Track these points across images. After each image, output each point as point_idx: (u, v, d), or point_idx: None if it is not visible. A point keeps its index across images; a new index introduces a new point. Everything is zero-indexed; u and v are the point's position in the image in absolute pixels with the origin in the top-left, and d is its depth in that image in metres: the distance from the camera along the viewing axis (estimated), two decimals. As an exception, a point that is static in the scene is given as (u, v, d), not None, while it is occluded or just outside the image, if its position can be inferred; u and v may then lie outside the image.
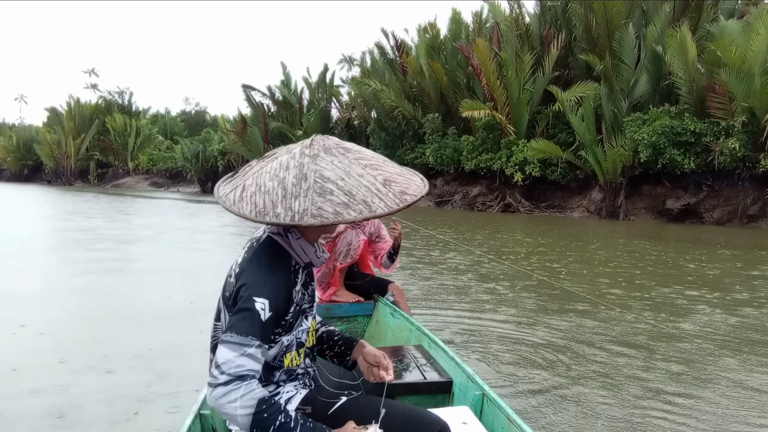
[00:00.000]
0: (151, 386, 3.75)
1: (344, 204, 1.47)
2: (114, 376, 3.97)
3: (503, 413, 2.19)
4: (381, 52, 32.68)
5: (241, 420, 1.47)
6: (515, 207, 25.34)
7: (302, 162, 1.53)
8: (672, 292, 7.53)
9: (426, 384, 2.67)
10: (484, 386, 2.42)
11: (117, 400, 3.55)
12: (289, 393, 1.74)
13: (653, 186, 21.61)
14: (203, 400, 2.17)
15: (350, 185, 1.50)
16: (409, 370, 2.78)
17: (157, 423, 3.23)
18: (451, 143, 27.21)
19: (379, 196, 1.51)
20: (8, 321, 5.29)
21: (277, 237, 1.67)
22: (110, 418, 3.32)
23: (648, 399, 3.81)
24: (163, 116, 69.14)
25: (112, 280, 7.72)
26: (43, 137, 62.54)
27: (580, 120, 22.16)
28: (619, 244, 13.76)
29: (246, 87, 39.16)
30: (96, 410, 3.42)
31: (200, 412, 2.12)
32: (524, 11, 27.11)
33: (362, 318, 4.16)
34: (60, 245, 11.53)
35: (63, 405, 3.47)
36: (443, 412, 2.09)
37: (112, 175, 59.40)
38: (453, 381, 2.69)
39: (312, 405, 1.72)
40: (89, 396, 3.63)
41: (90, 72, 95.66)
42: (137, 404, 3.49)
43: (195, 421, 2.06)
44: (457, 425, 2.10)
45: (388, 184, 1.55)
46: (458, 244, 10.16)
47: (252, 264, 1.61)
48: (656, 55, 20.77)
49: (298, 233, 1.68)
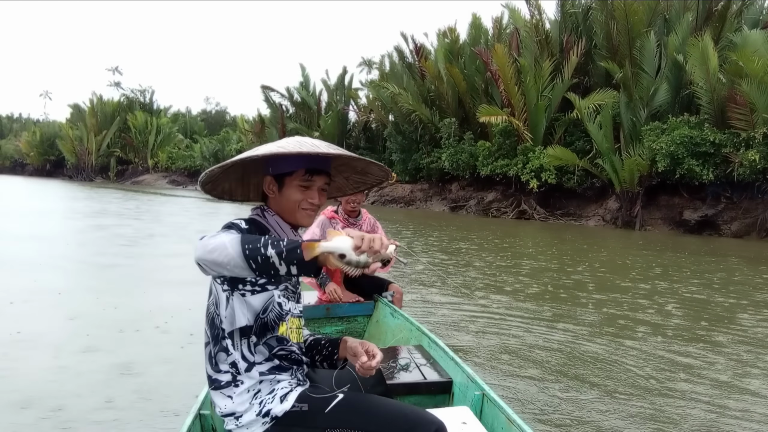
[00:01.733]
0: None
1: (297, 143, 1.71)
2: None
3: (503, 413, 2.19)
4: (400, 56, 32.74)
5: (232, 246, 1.47)
6: (530, 214, 25.17)
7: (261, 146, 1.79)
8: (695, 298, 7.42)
9: (426, 384, 2.68)
10: (484, 386, 2.42)
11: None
12: (284, 389, 1.74)
13: (670, 196, 21.33)
14: (203, 400, 2.19)
15: (306, 140, 1.76)
16: (409, 370, 2.79)
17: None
18: (467, 148, 27.13)
19: (325, 146, 1.75)
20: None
21: (257, 216, 1.83)
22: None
23: (647, 401, 3.78)
24: (183, 115, 69.94)
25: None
26: (65, 133, 63.57)
27: (597, 128, 21.98)
28: (647, 254, 13.59)
29: (265, 88, 39.49)
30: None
31: (200, 412, 2.13)
32: (544, 17, 26.96)
33: (362, 318, 4.16)
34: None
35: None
36: (443, 412, 2.11)
37: (132, 172, 60.11)
38: (453, 381, 2.69)
39: (308, 402, 1.71)
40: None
41: (114, 70, 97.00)
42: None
43: (195, 421, 2.07)
44: (457, 425, 2.11)
45: (300, 144, 1.73)
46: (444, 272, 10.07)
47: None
48: (677, 64, 20.54)
49: (272, 211, 1.82)
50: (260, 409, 1.70)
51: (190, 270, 2.42)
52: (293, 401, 1.71)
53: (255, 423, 1.70)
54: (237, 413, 1.71)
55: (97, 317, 5.56)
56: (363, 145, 36.12)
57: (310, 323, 3.95)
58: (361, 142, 36.41)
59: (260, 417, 1.70)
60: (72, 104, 65.25)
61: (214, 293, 1.74)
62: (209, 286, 1.75)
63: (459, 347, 4.94)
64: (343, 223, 3.95)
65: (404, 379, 2.68)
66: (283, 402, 1.71)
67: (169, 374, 4.05)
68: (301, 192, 1.78)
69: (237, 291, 1.69)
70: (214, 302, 1.74)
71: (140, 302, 6.35)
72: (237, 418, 1.71)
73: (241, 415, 1.71)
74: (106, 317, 5.57)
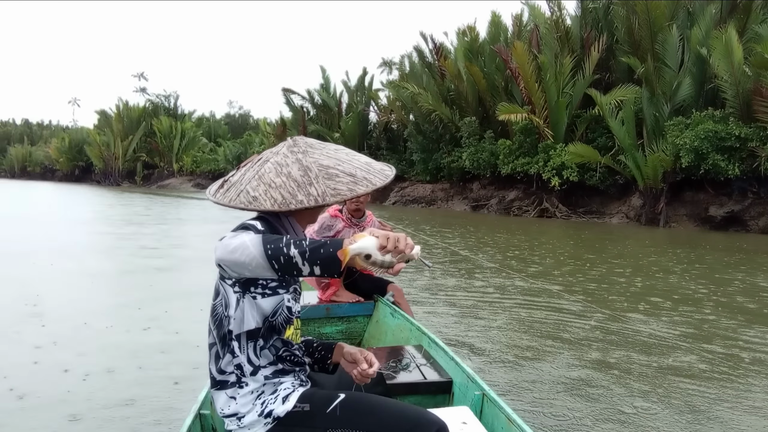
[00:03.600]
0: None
1: (352, 182, 1.66)
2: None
3: (503, 413, 2.18)
4: (420, 56, 32.67)
5: (255, 246, 1.46)
6: (552, 212, 24.94)
7: (297, 158, 1.69)
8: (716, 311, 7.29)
9: (426, 384, 2.67)
10: (484, 386, 2.41)
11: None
12: (286, 390, 1.74)
13: (695, 192, 20.95)
14: (203, 400, 2.19)
15: (347, 168, 1.69)
16: (409, 370, 2.78)
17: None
18: (487, 147, 26.97)
19: (371, 173, 1.71)
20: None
21: (268, 216, 1.75)
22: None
23: (648, 402, 3.73)
24: (207, 119, 70.71)
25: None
26: (93, 139, 64.76)
27: (619, 124, 21.69)
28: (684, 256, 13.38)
29: (286, 90, 39.75)
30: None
31: (200, 412, 2.13)
32: (565, 13, 26.69)
33: (362, 318, 4.14)
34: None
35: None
36: (443, 412, 2.09)
37: (158, 176, 61.00)
38: (453, 381, 2.68)
39: (310, 402, 1.71)
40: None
41: (139, 76, 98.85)
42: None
43: (195, 421, 2.06)
44: (457, 425, 2.09)
45: (369, 164, 1.74)
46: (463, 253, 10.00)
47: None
48: (701, 58, 20.16)
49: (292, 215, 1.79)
50: (262, 409, 1.70)
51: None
52: (295, 401, 1.71)
53: (257, 423, 1.70)
54: (240, 414, 1.71)
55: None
56: (384, 146, 36.12)
57: (310, 323, 3.94)
58: (382, 142, 36.41)
59: (262, 417, 1.70)
60: (99, 110, 66.38)
61: (222, 294, 1.72)
62: (215, 287, 1.74)
63: (459, 345, 4.93)
64: (345, 223, 3.94)
65: (404, 379, 2.68)
66: (285, 402, 1.71)
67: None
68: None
69: (248, 293, 1.68)
70: (222, 303, 1.72)
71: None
72: (239, 418, 1.71)
73: (244, 416, 1.71)
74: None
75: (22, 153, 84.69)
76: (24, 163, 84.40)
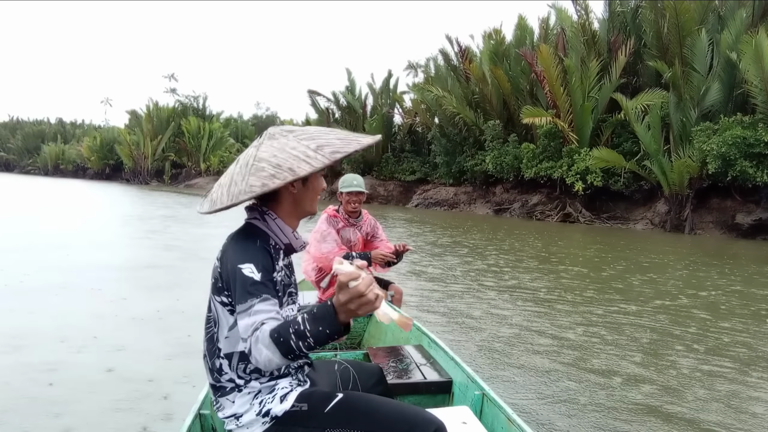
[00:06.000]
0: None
1: (271, 175, 1.57)
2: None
3: (503, 413, 2.18)
4: (445, 59, 32.66)
5: (276, 358, 1.47)
6: (575, 217, 24.68)
7: (248, 153, 1.66)
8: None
9: (426, 384, 2.67)
10: (484, 386, 2.40)
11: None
12: (284, 389, 1.73)
13: (722, 199, 20.55)
14: (203, 400, 2.20)
15: (280, 159, 1.59)
16: (409, 370, 2.78)
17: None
18: (511, 150, 26.82)
19: (307, 160, 1.58)
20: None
21: (255, 221, 1.74)
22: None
23: (649, 402, 3.71)
24: (235, 120, 71.44)
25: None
26: (123, 138, 65.85)
27: (645, 129, 21.41)
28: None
29: (311, 93, 40.03)
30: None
31: (200, 412, 2.14)
32: (592, 16, 26.43)
33: (362, 318, 4.10)
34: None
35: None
36: (443, 412, 2.09)
37: (185, 175, 61.75)
38: (453, 381, 2.68)
39: (308, 402, 1.71)
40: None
41: (170, 77, 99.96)
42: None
43: (195, 421, 2.07)
44: (457, 425, 2.09)
45: (320, 148, 1.60)
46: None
47: (231, 243, 1.69)
48: (730, 63, 19.81)
49: (274, 214, 1.75)
50: (260, 408, 1.69)
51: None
52: (293, 401, 1.71)
53: (255, 423, 1.70)
54: (238, 414, 1.71)
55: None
56: (408, 148, 36.17)
57: None
58: (406, 145, 36.46)
59: (260, 417, 1.69)
60: (130, 110, 67.63)
61: (214, 312, 1.71)
62: (208, 301, 1.72)
63: (459, 345, 4.95)
64: (343, 223, 3.96)
65: (404, 379, 2.67)
66: (282, 402, 1.70)
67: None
68: (322, 177, 1.80)
69: None
70: (213, 320, 1.71)
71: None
72: (237, 418, 1.71)
73: (242, 415, 1.70)
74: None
75: (55, 151, 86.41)
76: (57, 161, 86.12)
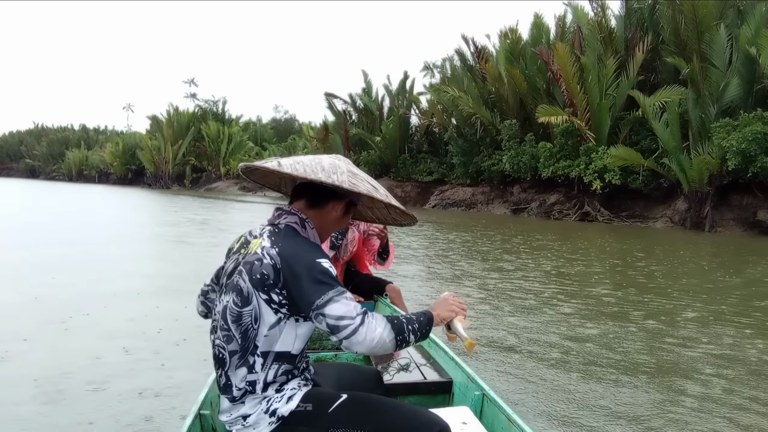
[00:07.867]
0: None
1: (374, 188, 1.78)
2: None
3: (503, 413, 2.17)
4: (461, 59, 32.60)
5: (389, 340, 1.62)
6: (593, 216, 24.47)
7: (332, 160, 1.79)
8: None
9: (426, 384, 2.66)
10: (484, 386, 2.39)
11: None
12: (292, 390, 1.74)
13: (743, 196, 20.25)
14: (203, 399, 2.19)
15: (373, 183, 1.81)
16: (409, 370, 2.78)
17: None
18: (528, 150, 26.70)
19: (374, 191, 1.78)
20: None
21: (295, 225, 1.79)
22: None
23: (650, 403, 3.73)
24: (254, 124, 72.07)
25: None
26: (145, 143, 66.79)
27: (664, 126, 21.16)
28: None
29: (328, 95, 40.19)
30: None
31: (200, 412, 2.13)
32: (609, 14, 26.19)
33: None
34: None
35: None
36: (443, 412, 2.09)
37: (206, 179, 62.42)
38: (453, 381, 2.67)
39: (313, 402, 1.72)
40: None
41: (190, 82, 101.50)
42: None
43: (195, 421, 2.06)
44: (457, 425, 2.09)
45: (377, 189, 1.80)
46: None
47: (289, 240, 1.72)
48: (750, 57, 19.50)
49: (312, 224, 1.81)
50: (267, 407, 1.70)
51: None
52: (298, 401, 1.72)
53: (262, 422, 1.70)
54: (245, 414, 1.72)
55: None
56: (425, 149, 36.14)
57: None
58: (423, 146, 36.43)
59: (267, 416, 1.70)
60: (151, 116, 68.40)
61: (254, 306, 1.68)
62: (245, 291, 1.68)
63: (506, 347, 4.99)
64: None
65: (404, 379, 2.66)
66: (289, 402, 1.71)
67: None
68: (347, 216, 1.90)
69: (293, 316, 1.69)
70: (252, 315, 1.68)
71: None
72: (244, 418, 1.72)
73: (249, 416, 1.71)
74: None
75: (79, 157, 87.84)
76: (81, 166, 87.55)
